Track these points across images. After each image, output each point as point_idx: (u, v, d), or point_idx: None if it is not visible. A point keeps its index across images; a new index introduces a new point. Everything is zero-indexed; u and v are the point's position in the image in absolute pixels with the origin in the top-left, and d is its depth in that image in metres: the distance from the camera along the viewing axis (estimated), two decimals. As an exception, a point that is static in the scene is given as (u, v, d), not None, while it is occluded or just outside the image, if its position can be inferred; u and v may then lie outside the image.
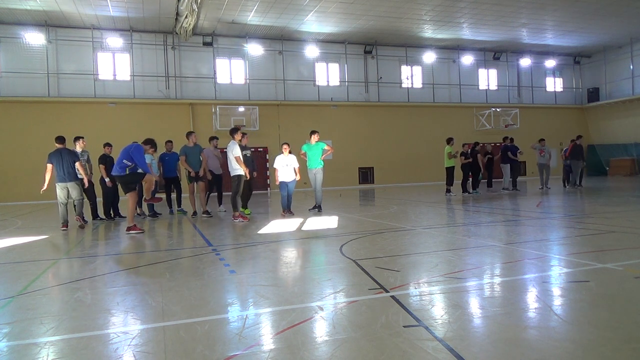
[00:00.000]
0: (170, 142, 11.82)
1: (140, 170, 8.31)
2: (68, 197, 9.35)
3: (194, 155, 10.98)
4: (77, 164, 9.26)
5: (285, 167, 10.35)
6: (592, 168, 27.43)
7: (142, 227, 8.77)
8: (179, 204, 11.98)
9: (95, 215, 10.84)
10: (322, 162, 10.88)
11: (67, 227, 9.12)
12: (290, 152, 10.49)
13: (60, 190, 9.21)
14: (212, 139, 11.99)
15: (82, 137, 10.63)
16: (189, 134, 11.25)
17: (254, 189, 11.82)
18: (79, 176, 9.44)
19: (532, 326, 2.96)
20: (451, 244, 6.20)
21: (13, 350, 2.85)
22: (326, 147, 10.97)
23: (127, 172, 8.27)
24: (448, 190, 15.05)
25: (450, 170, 14.97)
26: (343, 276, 4.50)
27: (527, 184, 21.19)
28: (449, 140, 14.99)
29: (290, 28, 21.78)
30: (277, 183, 10.44)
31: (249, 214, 10.74)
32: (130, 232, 8.21)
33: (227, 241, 7.14)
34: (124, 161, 8.23)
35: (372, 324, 3.02)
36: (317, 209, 10.99)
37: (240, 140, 9.98)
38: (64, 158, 9.10)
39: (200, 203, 11.14)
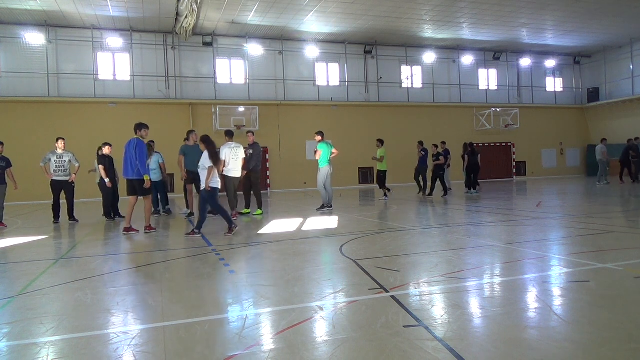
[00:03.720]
0: (193, 131, 11.07)
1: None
2: None
3: (193, 155, 10.57)
4: (8, 170, 10.28)
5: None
6: (592, 168, 27.40)
7: (154, 227, 8.70)
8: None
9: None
10: (324, 162, 10.98)
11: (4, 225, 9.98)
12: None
13: None
14: (190, 132, 11.07)
15: (63, 138, 10.59)
16: (189, 132, 10.93)
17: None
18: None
19: (532, 326, 2.96)
20: (451, 244, 6.19)
21: (13, 350, 2.85)
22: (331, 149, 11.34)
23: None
24: (384, 195, 14.05)
25: (382, 173, 14.14)
26: (343, 276, 4.50)
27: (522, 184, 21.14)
28: (380, 142, 13.87)
29: (290, 28, 21.77)
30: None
31: (247, 214, 10.74)
32: (130, 232, 8.22)
33: (227, 241, 7.14)
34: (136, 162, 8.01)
35: (372, 324, 3.02)
36: (320, 207, 11.08)
37: (249, 139, 10.89)
38: None
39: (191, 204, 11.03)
